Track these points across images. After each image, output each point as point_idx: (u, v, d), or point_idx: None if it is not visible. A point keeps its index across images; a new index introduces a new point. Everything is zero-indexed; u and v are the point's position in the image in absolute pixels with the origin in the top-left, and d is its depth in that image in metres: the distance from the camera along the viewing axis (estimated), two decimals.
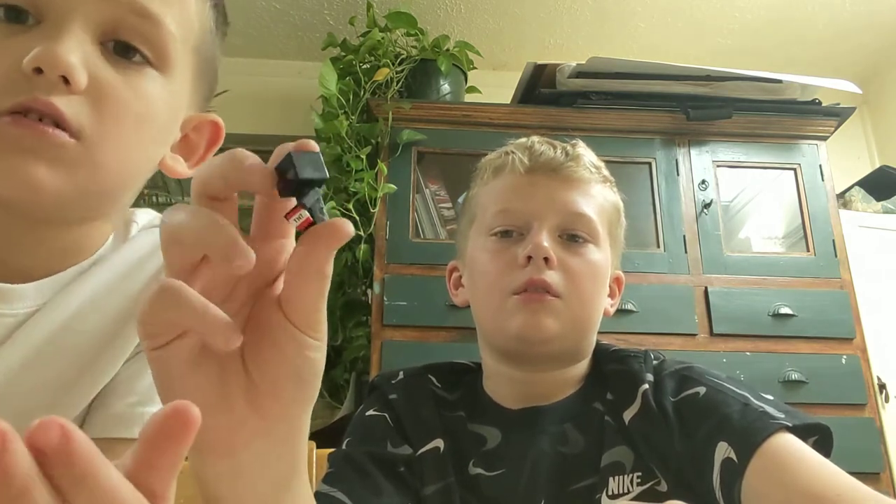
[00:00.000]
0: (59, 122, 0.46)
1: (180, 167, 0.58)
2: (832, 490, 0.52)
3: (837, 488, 0.52)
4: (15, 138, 0.45)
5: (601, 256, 0.71)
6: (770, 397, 0.64)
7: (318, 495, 0.65)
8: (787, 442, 0.57)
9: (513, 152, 0.75)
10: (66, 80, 0.46)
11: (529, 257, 0.67)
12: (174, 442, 0.24)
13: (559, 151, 0.74)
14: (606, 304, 0.75)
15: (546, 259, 0.67)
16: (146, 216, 0.64)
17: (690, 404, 0.64)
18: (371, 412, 0.73)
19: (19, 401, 0.52)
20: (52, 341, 0.53)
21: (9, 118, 0.45)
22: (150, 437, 0.24)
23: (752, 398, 0.62)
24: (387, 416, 0.71)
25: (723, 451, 0.59)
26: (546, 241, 0.68)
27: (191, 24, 0.53)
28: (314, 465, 0.97)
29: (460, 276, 0.78)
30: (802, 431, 0.60)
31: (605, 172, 0.77)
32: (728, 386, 0.65)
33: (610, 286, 0.76)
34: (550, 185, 0.72)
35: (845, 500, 0.51)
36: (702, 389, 0.65)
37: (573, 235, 0.71)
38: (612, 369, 0.71)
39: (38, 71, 0.45)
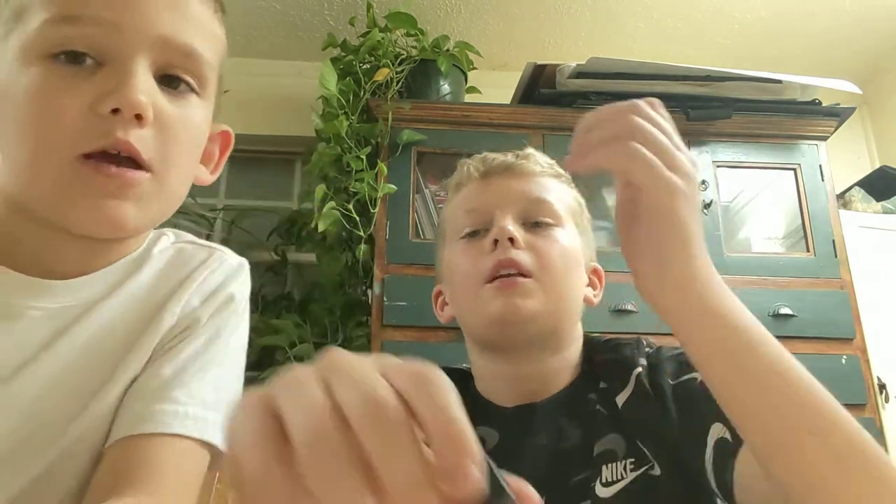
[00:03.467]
0: (135, 159, 0.52)
1: (203, 174, 0.65)
2: None
3: None
4: (101, 185, 0.51)
5: (569, 238, 0.73)
6: None
7: None
8: None
9: (467, 164, 0.79)
10: (137, 117, 0.51)
11: (496, 241, 0.69)
12: None
13: (510, 155, 0.77)
14: (588, 294, 0.75)
15: (511, 240, 0.69)
16: (179, 234, 0.69)
17: (688, 388, 0.65)
18: None
19: (56, 404, 0.55)
20: (91, 347, 0.57)
21: (92, 163, 0.51)
22: None
23: None
24: None
25: (717, 431, 0.59)
26: (510, 225, 0.70)
27: (218, 48, 0.60)
28: None
29: (444, 300, 0.80)
30: None
31: (558, 169, 0.79)
32: None
33: (590, 278, 0.77)
34: (506, 182, 0.75)
35: None
36: (699, 375, 0.64)
37: (537, 222, 0.72)
38: (604, 358, 0.72)
39: (115, 111, 0.50)
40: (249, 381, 0.65)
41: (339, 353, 0.27)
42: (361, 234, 1.83)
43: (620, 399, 0.67)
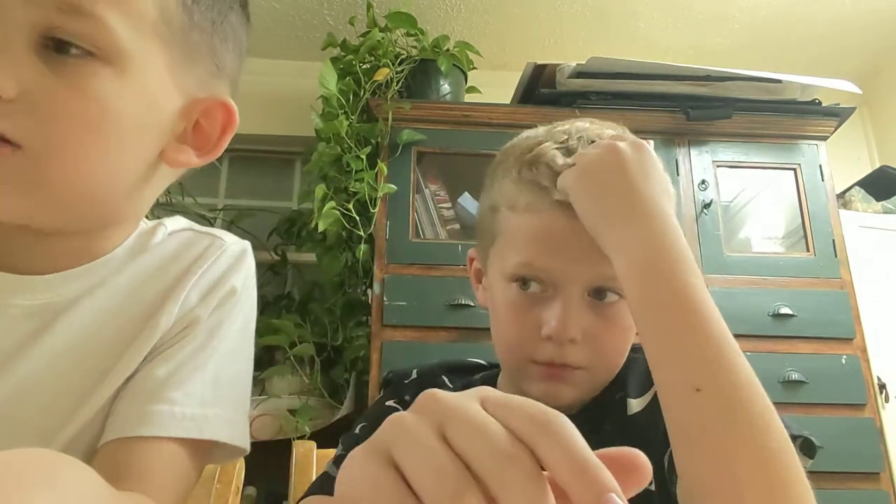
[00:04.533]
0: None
1: (185, 156, 0.55)
2: None
3: None
4: None
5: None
6: None
7: (324, 475, 0.65)
8: None
9: (546, 186, 0.63)
10: None
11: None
12: None
13: None
14: None
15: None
16: (176, 222, 0.65)
17: None
18: (390, 403, 0.73)
19: (40, 407, 0.52)
20: (74, 348, 0.54)
21: None
22: None
23: None
24: (402, 410, 0.71)
25: None
26: (573, 318, 0.61)
27: (142, 9, 0.49)
28: (314, 465, 0.97)
29: (481, 270, 0.73)
30: None
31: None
32: None
33: None
34: (582, 237, 0.60)
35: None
36: None
37: (603, 293, 0.63)
38: (632, 357, 0.69)
39: None
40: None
41: (442, 394, 0.28)
42: (361, 233, 1.83)
43: (635, 407, 0.64)
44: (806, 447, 0.60)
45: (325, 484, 0.64)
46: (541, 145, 0.66)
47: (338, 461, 0.66)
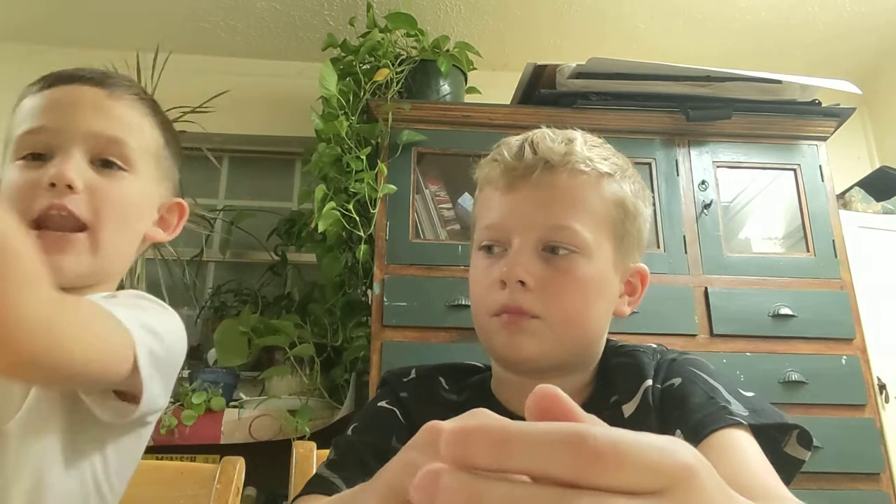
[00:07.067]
0: (72, 219, 0.69)
1: (160, 235, 0.84)
2: (751, 494, 0.51)
3: (758, 493, 0.51)
4: (53, 241, 0.69)
5: (591, 268, 0.67)
6: (749, 394, 0.64)
7: (317, 477, 0.65)
8: (733, 438, 0.57)
9: (498, 160, 0.72)
10: (70, 188, 0.69)
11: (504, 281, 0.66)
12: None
13: (545, 153, 0.69)
14: (621, 304, 0.72)
15: (522, 282, 0.65)
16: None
17: (667, 394, 0.65)
18: (383, 403, 0.73)
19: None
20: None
21: (38, 232, 0.68)
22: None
23: (723, 392, 0.63)
24: (397, 411, 0.72)
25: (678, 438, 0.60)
26: (521, 262, 0.65)
27: (147, 141, 0.79)
28: (314, 465, 0.97)
29: None
30: (772, 430, 0.60)
31: (602, 167, 0.70)
32: (703, 377, 0.65)
33: (630, 282, 0.73)
34: (532, 196, 0.68)
35: None
36: (677, 381, 0.66)
37: (556, 248, 0.67)
38: (617, 362, 0.71)
39: (53, 185, 0.69)
40: (250, 381, 0.64)
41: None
42: (361, 234, 1.83)
43: (627, 410, 0.66)
44: (803, 439, 0.61)
45: (319, 486, 0.64)
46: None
47: (331, 465, 0.66)
